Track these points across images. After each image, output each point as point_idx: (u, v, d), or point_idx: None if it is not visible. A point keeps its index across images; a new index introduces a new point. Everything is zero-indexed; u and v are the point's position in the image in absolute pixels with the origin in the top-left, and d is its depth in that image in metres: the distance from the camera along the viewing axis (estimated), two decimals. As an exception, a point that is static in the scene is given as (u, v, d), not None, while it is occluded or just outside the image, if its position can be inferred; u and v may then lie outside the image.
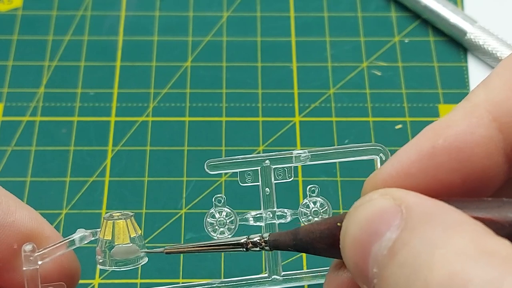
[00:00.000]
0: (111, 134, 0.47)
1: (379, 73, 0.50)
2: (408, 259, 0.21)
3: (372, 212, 0.23)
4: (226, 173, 0.46)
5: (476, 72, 0.50)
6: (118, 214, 0.32)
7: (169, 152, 0.47)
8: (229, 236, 0.33)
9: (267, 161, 0.33)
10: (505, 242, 0.21)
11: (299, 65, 0.51)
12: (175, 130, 0.48)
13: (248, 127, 0.48)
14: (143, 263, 0.32)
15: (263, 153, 0.47)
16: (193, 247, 0.30)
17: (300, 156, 0.33)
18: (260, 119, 0.48)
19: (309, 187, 0.34)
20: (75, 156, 0.46)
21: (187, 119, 0.48)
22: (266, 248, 0.28)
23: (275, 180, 0.33)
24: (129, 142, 0.47)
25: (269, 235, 0.28)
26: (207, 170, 0.32)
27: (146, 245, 0.33)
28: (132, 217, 0.32)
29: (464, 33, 0.50)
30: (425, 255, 0.20)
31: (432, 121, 0.50)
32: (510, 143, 0.24)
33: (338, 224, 0.25)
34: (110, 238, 0.32)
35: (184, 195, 0.45)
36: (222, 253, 0.42)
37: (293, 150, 0.33)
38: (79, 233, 0.32)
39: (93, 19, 0.53)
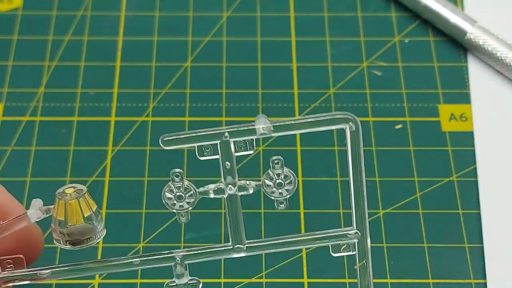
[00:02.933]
0: (111, 134, 0.47)
1: (379, 73, 0.50)
2: None
3: None
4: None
5: (476, 72, 0.50)
6: (71, 190, 0.31)
7: (169, 152, 0.47)
8: (189, 208, 0.33)
9: (226, 134, 0.31)
10: None
11: (299, 65, 0.51)
12: (175, 130, 0.47)
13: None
14: (101, 237, 0.31)
15: (263, 152, 0.47)
16: None
17: (261, 127, 0.31)
18: (260, 119, 0.48)
19: (272, 158, 0.32)
20: (75, 156, 0.46)
21: (187, 119, 0.48)
22: None
23: (235, 152, 0.32)
24: (129, 142, 0.47)
25: None
26: (162, 145, 0.31)
27: (145, 245, 0.32)
28: (86, 193, 0.31)
29: (464, 33, 0.50)
30: None
31: (432, 121, 0.51)
32: None
33: None
34: (63, 219, 0.31)
35: (184, 195, 0.45)
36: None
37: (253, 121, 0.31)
38: (34, 208, 0.31)
39: (93, 19, 0.53)
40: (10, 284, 0.31)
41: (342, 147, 0.47)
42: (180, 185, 0.33)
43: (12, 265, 0.32)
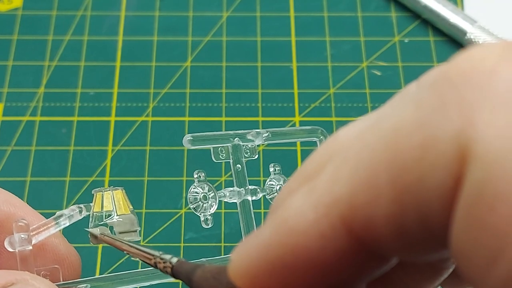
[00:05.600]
0: (111, 134, 0.47)
1: (379, 73, 0.50)
2: None
3: None
4: (225, 173, 0.46)
5: (476, 72, 0.50)
6: (106, 188, 0.31)
7: (169, 152, 0.47)
8: (214, 209, 0.34)
9: (236, 139, 0.34)
10: None
11: (299, 65, 0.51)
12: (175, 130, 0.48)
13: (248, 127, 0.48)
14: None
15: (263, 152, 0.47)
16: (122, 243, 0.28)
17: (262, 134, 0.35)
18: (260, 119, 0.48)
19: (271, 165, 0.35)
20: (75, 156, 0.46)
21: (187, 119, 0.48)
22: (167, 270, 0.24)
23: (243, 158, 0.34)
24: (129, 142, 0.47)
25: (177, 261, 0.24)
26: (187, 145, 0.33)
27: (145, 244, 0.32)
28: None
29: (464, 33, 0.50)
30: None
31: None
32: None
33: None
34: (111, 209, 0.31)
35: (184, 195, 0.45)
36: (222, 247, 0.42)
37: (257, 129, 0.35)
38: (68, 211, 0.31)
39: (93, 19, 0.53)
40: None
41: (342, 147, 0.47)
42: (204, 185, 0.34)
43: (49, 276, 0.31)
